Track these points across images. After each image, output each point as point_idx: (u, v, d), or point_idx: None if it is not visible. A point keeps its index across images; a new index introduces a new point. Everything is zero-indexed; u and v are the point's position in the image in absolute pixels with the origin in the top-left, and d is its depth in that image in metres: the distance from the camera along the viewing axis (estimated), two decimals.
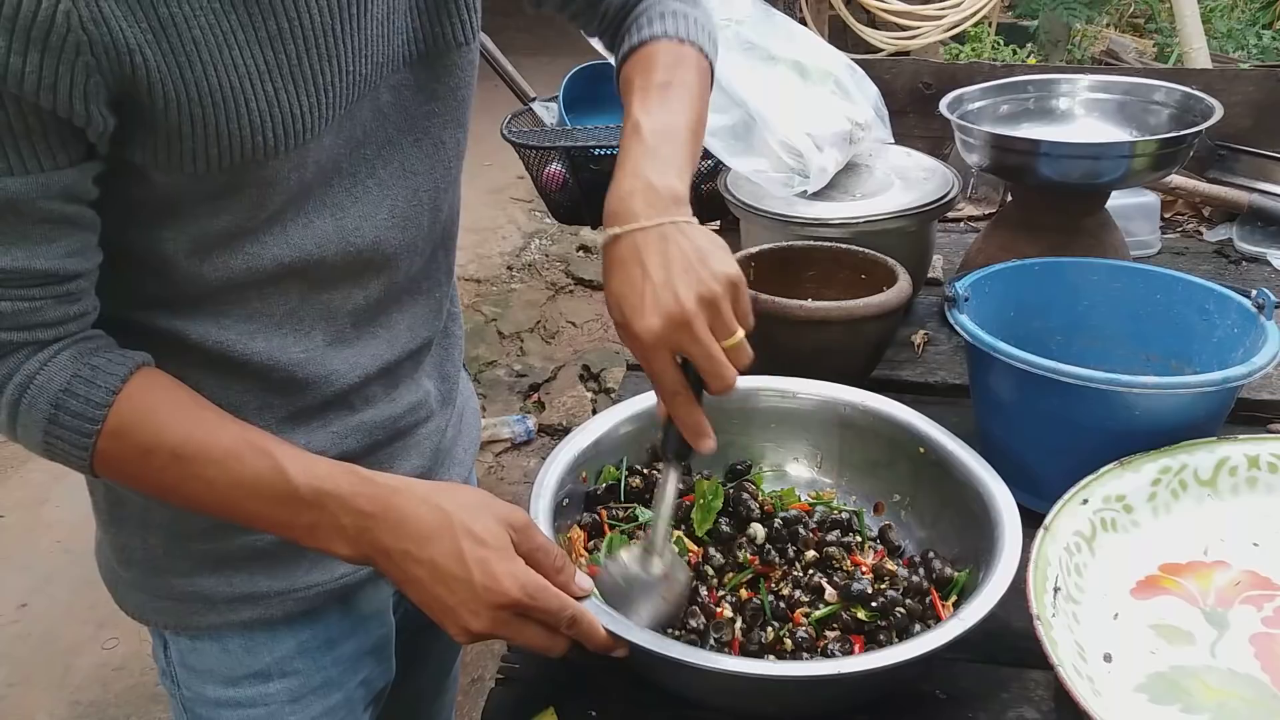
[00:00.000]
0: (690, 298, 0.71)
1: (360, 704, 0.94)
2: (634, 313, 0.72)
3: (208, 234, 0.71)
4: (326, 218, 0.76)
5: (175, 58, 0.63)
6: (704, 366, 0.73)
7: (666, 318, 0.71)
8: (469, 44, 0.81)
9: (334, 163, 0.75)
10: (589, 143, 1.61)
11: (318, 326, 0.80)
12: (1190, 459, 0.92)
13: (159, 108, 0.64)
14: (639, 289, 0.72)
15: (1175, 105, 1.33)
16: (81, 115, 0.62)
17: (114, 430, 0.69)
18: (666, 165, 0.78)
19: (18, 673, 2.30)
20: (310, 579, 0.86)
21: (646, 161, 0.78)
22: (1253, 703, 0.76)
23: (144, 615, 0.88)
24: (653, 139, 0.79)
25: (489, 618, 0.71)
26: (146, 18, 0.61)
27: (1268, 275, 1.50)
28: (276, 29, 0.66)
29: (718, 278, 0.72)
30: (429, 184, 0.83)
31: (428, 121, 0.81)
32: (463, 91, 0.83)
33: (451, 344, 0.97)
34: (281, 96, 0.68)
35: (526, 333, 3.63)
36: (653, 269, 0.72)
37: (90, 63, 0.60)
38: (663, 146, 0.79)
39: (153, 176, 0.67)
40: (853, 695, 0.78)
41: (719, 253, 0.74)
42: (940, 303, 1.35)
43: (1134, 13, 5.73)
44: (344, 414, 0.84)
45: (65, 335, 0.70)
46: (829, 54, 1.51)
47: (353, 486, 0.72)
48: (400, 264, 0.83)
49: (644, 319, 0.71)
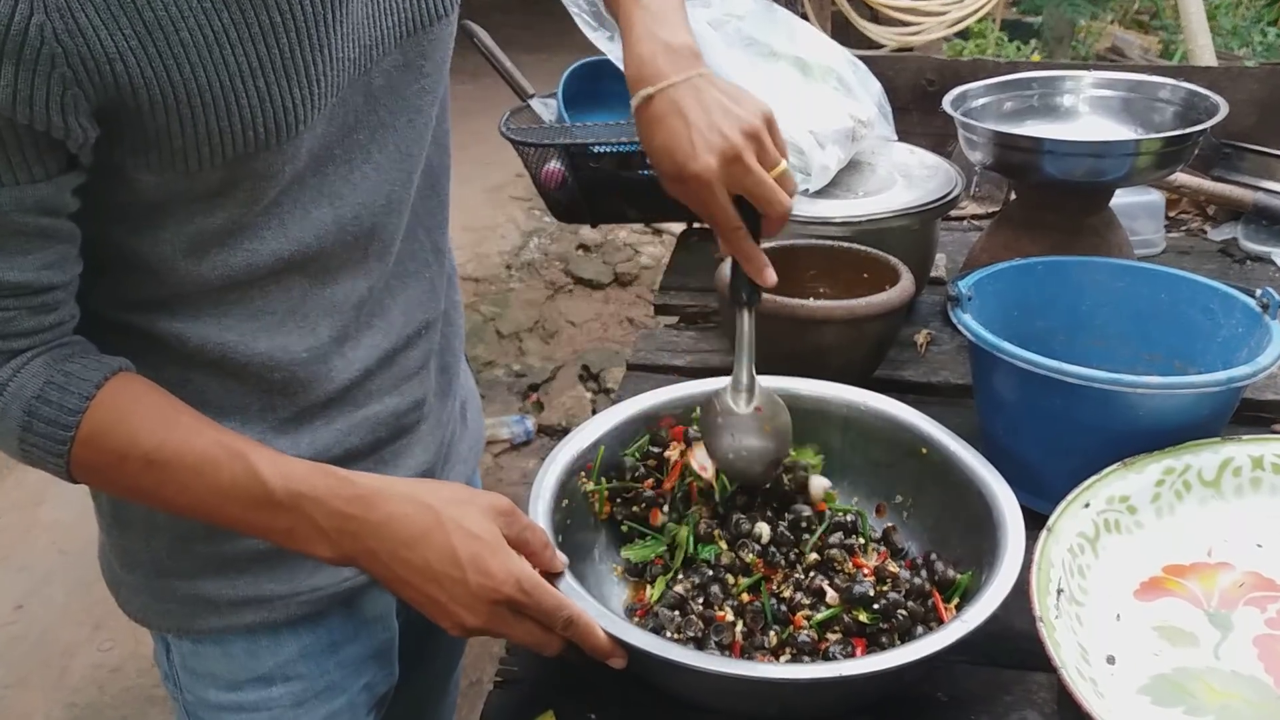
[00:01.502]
0: (736, 134, 0.76)
1: (363, 708, 0.94)
2: (686, 158, 0.77)
3: (204, 232, 0.71)
4: (325, 207, 0.75)
5: (163, 60, 0.62)
6: (760, 194, 0.78)
7: (719, 154, 0.76)
8: (449, 14, 0.81)
9: (327, 150, 0.74)
10: (588, 140, 1.60)
11: (323, 322, 0.79)
12: (1194, 460, 0.92)
13: (146, 111, 0.63)
14: (685, 136, 0.77)
15: (1180, 103, 1.33)
16: (60, 128, 0.61)
17: (88, 437, 0.69)
18: (675, 25, 0.83)
19: (13, 674, 2.30)
20: (314, 582, 0.86)
21: (655, 24, 0.82)
22: (1256, 705, 0.75)
23: (147, 619, 0.88)
24: (654, 2, 0.83)
25: (485, 613, 0.71)
26: (131, 23, 0.60)
27: (1273, 274, 1.50)
28: (269, 23, 0.65)
29: (755, 113, 0.78)
30: (422, 164, 0.82)
31: (419, 100, 0.80)
32: (445, 64, 0.82)
33: (452, 333, 0.96)
34: (274, 90, 0.67)
35: (525, 332, 3.63)
36: (694, 116, 0.77)
37: (67, 74, 0.59)
38: (665, 8, 0.83)
39: (144, 179, 0.67)
40: (854, 698, 0.77)
41: (748, 94, 0.80)
42: (943, 302, 1.34)
43: (1139, 9, 5.71)
44: (348, 410, 0.84)
45: (40, 344, 0.69)
46: (831, 50, 1.50)
47: (330, 488, 0.71)
48: (395, 247, 0.82)
49: (698, 160, 0.76)
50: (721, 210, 0.79)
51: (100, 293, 0.73)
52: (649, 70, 0.80)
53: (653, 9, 0.83)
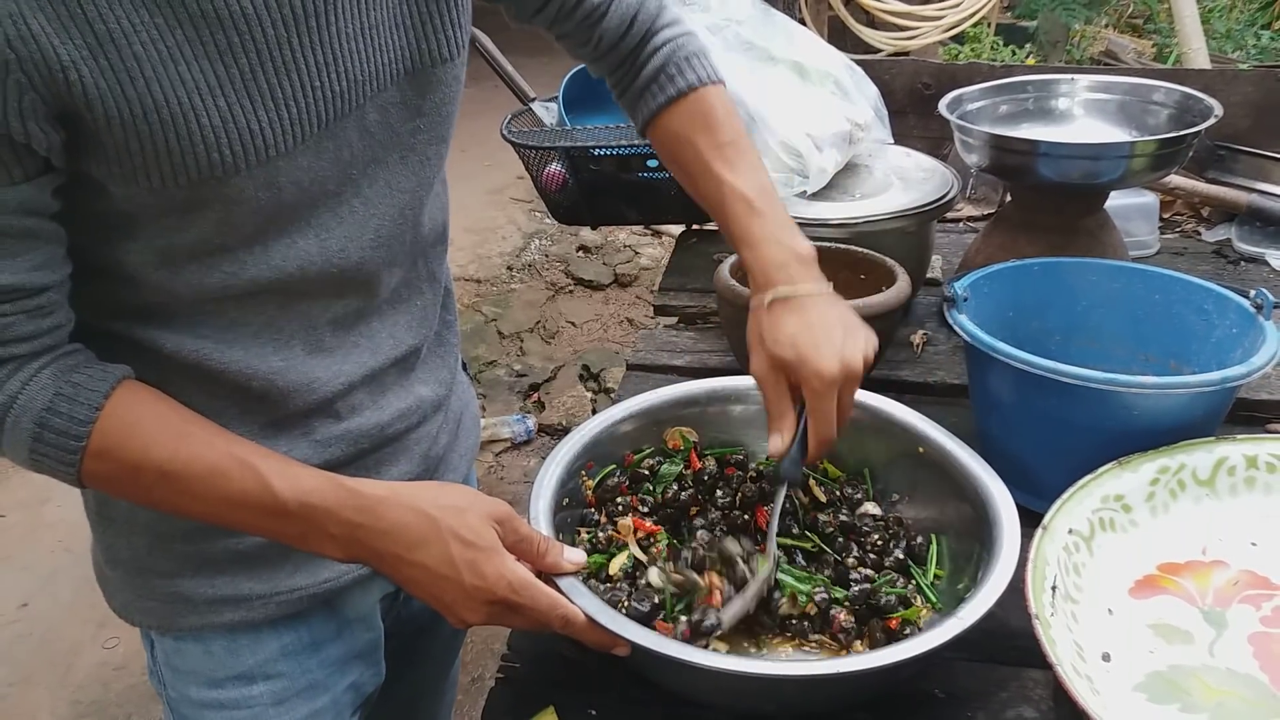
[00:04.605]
0: (858, 359, 0.83)
1: (348, 707, 0.94)
2: (817, 355, 0.82)
3: (174, 248, 0.71)
4: (311, 239, 0.75)
5: (115, 74, 0.62)
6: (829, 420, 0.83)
7: (844, 366, 0.82)
8: (455, 59, 0.80)
9: (319, 184, 0.74)
10: (589, 143, 1.61)
11: (296, 336, 0.79)
12: (1188, 459, 0.92)
13: (103, 124, 0.63)
14: (819, 337, 0.83)
15: (1174, 105, 1.34)
16: (21, 132, 0.61)
17: (99, 450, 0.70)
18: (791, 230, 0.89)
19: (19, 672, 2.31)
20: (294, 582, 0.86)
21: (776, 229, 0.88)
22: (1251, 702, 0.76)
23: (130, 615, 0.89)
24: (761, 203, 0.89)
25: (484, 612, 0.76)
26: (82, 34, 0.60)
27: (1266, 275, 1.50)
28: (226, 43, 0.65)
29: (868, 350, 0.85)
30: (414, 201, 0.82)
31: (414, 139, 0.80)
32: (448, 107, 0.82)
33: (446, 351, 0.96)
34: (236, 111, 0.66)
35: (526, 333, 3.64)
36: (830, 326, 0.84)
37: (22, 80, 0.59)
38: (777, 210, 0.90)
39: (111, 189, 0.67)
40: (851, 694, 0.78)
41: (864, 328, 0.87)
42: (939, 303, 1.35)
43: (1133, 13, 5.72)
44: (328, 422, 0.84)
45: (42, 349, 0.70)
46: (828, 54, 1.51)
47: (339, 499, 0.74)
48: (381, 280, 0.82)
49: (826, 361, 0.82)
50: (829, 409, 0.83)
51: (77, 299, 0.73)
52: (783, 275, 0.86)
53: (762, 209, 0.89)
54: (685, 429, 0.99)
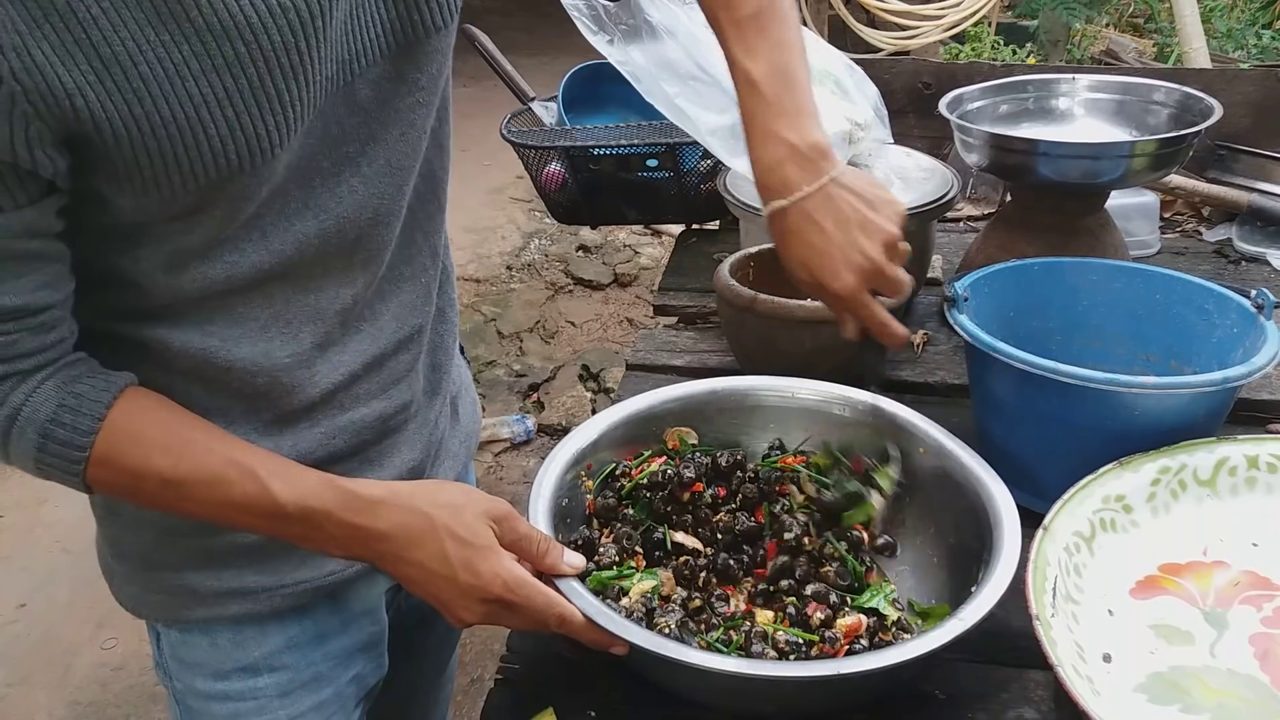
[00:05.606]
0: (876, 251, 0.77)
1: (352, 700, 0.95)
2: (829, 277, 0.77)
3: (182, 249, 0.71)
4: (309, 219, 0.75)
5: (123, 95, 0.61)
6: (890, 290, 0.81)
7: (860, 273, 0.77)
8: (447, 27, 0.78)
9: (311, 161, 0.73)
10: (588, 143, 1.61)
11: (306, 328, 0.79)
12: (1189, 459, 0.92)
13: (111, 144, 0.63)
14: (824, 251, 0.77)
15: (1175, 105, 1.33)
16: (27, 159, 0.61)
17: (102, 458, 0.71)
18: (798, 116, 0.78)
19: (17, 673, 2.30)
20: (299, 575, 0.86)
21: (777, 119, 0.77)
22: (1252, 703, 0.76)
23: (137, 608, 0.90)
24: (770, 88, 0.78)
25: (480, 611, 0.76)
26: (88, 58, 0.60)
27: (1267, 275, 1.50)
28: (234, 54, 0.64)
29: (893, 218, 0.78)
30: (416, 175, 0.82)
31: (413, 113, 0.79)
32: (442, 75, 0.81)
33: (446, 330, 0.95)
34: (244, 119, 0.66)
35: (526, 333, 3.63)
36: (831, 231, 0.77)
37: (28, 111, 0.59)
38: (784, 95, 0.78)
39: (119, 203, 0.67)
40: (851, 695, 0.78)
41: (882, 193, 0.78)
42: (940, 303, 1.35)
43: (1134, 12, 5.73)
44: (332, 414, 0.84)
45: (47, 363, 0.70)
46: (828, 54, 1.51)
47: (339, 502, 0.75)
48: (383, 257, 0.82)
49: (840, 279, 0.77)
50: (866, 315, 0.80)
51: (82, 305, 0.73)
52: (777, 180, 0.77)
53: (770, 95, 0.78)
54: (685, 429, 0.99)
